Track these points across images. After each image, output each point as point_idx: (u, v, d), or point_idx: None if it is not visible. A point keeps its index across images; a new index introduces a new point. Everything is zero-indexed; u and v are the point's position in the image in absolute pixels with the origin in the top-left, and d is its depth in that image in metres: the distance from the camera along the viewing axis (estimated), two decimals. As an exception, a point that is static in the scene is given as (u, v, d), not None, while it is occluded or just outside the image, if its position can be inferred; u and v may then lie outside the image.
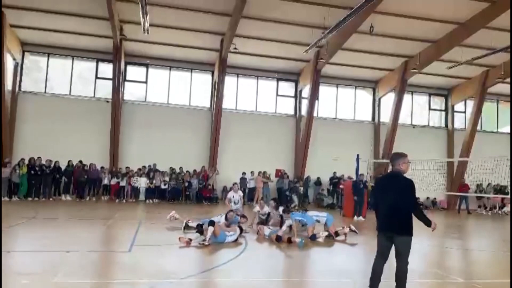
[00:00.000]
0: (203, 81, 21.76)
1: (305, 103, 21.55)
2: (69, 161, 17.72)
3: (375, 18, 15.64)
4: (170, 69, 21.37)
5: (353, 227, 10.58)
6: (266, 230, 9.74)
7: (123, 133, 19.76)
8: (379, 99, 23.25)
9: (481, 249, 9.62)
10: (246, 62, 21.04)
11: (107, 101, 19.66)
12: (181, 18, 17.03)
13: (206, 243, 8.10)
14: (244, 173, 19.83)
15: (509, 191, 10.59)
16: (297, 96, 22.50)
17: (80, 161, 17.98)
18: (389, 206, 4.98)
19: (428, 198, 22.67)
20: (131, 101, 20.67)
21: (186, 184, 19.02)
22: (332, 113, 22.86)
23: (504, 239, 11.38)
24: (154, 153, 19.77)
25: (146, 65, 21.03)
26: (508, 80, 20.66)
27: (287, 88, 22.69)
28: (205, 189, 19.08)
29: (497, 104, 24.90)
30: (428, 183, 17.58)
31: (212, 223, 8.44)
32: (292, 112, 22.52)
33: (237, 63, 20.76)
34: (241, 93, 22.04)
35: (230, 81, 21.19)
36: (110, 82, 19.45)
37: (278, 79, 22.39)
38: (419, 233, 9.63)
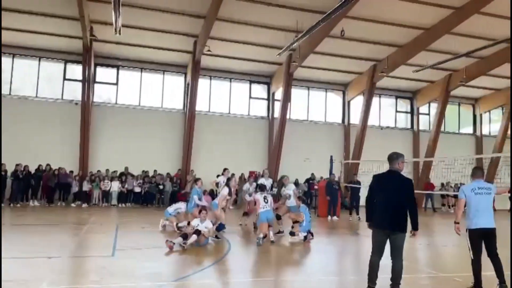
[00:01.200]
0: (175, 83, 21.57)
1: (277, 105, 21.82)
2: (39, 166, 17.09)
3: (346, 23, 16.07)
4: (141, 71, 21.05)
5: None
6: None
7: (93, 136, 19.27)
8: (349, 102, 23.88)
9: (453, 244, 10.09)
10: (219, 64, 21.07)
11: (76, 103, 19.12)
12: (154, 19, 16.83)
13: (185, 247, 8.04)
14: (218, 176, 19.76)
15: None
16: (270, 98, 22.74)
17: (48, 165, 17.37)
18: (389, 203, 5.08)
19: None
20: (101, 103, 20.17)
21: (161, 187, 18.78)
22: (304, 115, 23.27)
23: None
24: (126, 156, 19.37)
25: (117, 67, 20.61)
26: (470, 83, 21.79)
27: (260, 90, 22.89)
28: (179, 192, 18.91)
29: (459, 107, 26.16)
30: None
31: (198, 232, 8.35)
32: (265, 114, 22.73)
33: (210, 65, 20.75)
34: (214, 95, 22.03)
35: (203, 83, 21.13)
36: (79, 83, 18.94)
37: (251, 82, 22.55)
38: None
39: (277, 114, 21.75)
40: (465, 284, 5.82)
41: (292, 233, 9.75)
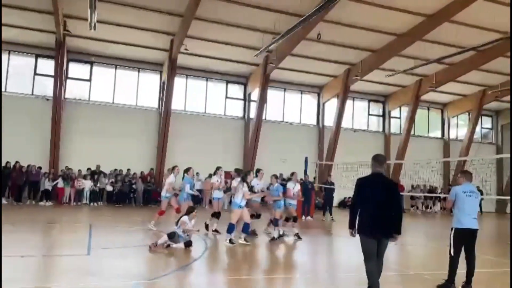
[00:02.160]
0: (151, 81, 21.34)
1: (254, 106, 21.94)
2: (6, 163, 16.52)
3: (322, 26, 16.35)
4: (116, 68, 20.70)
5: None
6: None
7: (65, 133, 18.80)
8: (324, 104, 24.29)
9: (421, 244, 10.49)
10: (196, 63, 20.99)
11: (47, 99, 18.61)
12: (130, 16, 16.60)
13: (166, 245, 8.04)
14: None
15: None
16: (246, 98, 22.84)
17: (18, 162, 16.82)
18: (380, 209, 4.86)
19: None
20: (73, 100, 19.72)
21: (134, 186, 18.54)
22: (280, 116, 23.50)
23: (440, 235, 12.48)
24: (98, 155, 18.99)
25: (91, 63, 20.19)
26: (439, 89, 22.60)
27: (236, 90, 22.94)
28: (153, 191, 18.72)
29: (428, 111, 27.07)
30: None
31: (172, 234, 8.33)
32: (241, 114, 22.81)
33: (187, 64, 20.65)
34: (191, 95, 21.92)
35: (179, 82, 21.00)
36: (51, 79, 18.44)
37: (228, 82, 22.58)
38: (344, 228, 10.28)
39: (253, 114, 21.87)
40: (434, 281, 6.10)
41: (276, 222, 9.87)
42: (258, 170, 10.44)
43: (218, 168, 11.05)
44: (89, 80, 20.26)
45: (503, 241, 11.88)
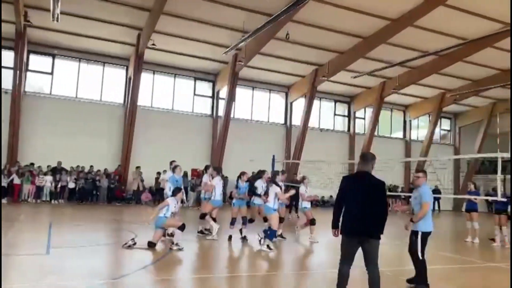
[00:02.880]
0: (116, 76, 20.83)
1: (222, 104, 21.88)
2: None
3: (291, 26, 16.52)
4: (79, 61, 20.08)
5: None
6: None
7: (24, 127, 18.04)
8: (291, 103, 24.55)
9: (382, 242, 10.78)
10: (164, 59, 20.69)
11: (6, 92, 17.76)
12: (95, 8, 16.14)
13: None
14: (158, 173, 19.40)
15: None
16: (215, 96, 22.74)
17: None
18: (364, 208, 4.61)
19: (331, 196, 24.52)
20: (33, 93, 18.94)
21: (98, 183, 18.06)
22: (248, 114, 23.55)
23: (400, 234, 12.91)
24: (60, 151, 18.36)
25: (53, 55, 19.47)
26: (402, 91, 23.37)
27: (204, 88, 22.80)
28: (118, 189, 18.32)
29: (391, 112, 27.95)
30: (332, 183, 19.04)
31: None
32: (209, 112, 22.69)
33: (154, 59, 20.32)
34: (157, 91, 21.58)
35: (146, 77, 20.63)
36: (10, 71, 17.60)
37: (196, 79, 22.40)
38: (321, 228, 10.40)
39: (221, 112, 21.80)
40: (396, 277, 6.30)
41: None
42: (243, 173, 9.88)
43: (207, 167, 10.54)
44: (51, 73, 19.55)
45: (459, 238, 12.43)
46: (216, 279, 6.24)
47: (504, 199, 10.13)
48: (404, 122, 28.42)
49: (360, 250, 4.71)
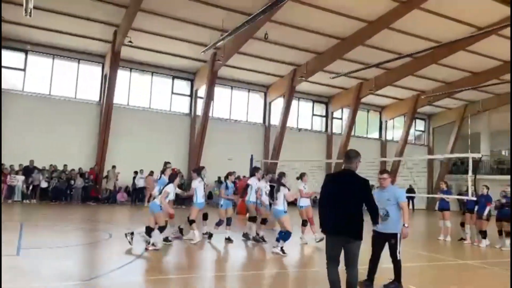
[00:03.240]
0: (92, 73, 20.41)
1: (200, 103, 21.75)
2: None
3: (270, 27, 16.56)
4: (53, 58, 19.57)
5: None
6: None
7: (-6, 125, 17.44)
8: (270, 103, 24.63)
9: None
10: (141, 57, 20.41)
11: (-25, 88, 17.14)
12: (71, 4, 15.76)
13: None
14: (136, 172, 19.17)
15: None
16: (193, 95, 22.58)
17: None
18: (345, 207, 4.49)
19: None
20: (5, 90, 18.29)
21: (72, 182, 17.67)
22: (227, 114, 23.49)
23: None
24: (33, 149, 17.86)
25: (26, 51, 18.91)
26: (378, 92, 23.79)
27: (182, 86, 22.60)
28: (93, 189, 17.97)
29: (368, 113, 28.40)
30: (309, 182, 19.19)
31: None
32: (187, 111, 22.51)
33: (131, 57, 20.01)
34: (135, 89, 21.26)
35: (122, 75, 20.29)
36: (-21, 66, 17.01)
37: (174, 77, 22.18)
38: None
39: (199, 111, 21.67)
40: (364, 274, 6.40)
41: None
42: (230, 173, 9.76)
43: (202, 168, 9.90)
44: (24, 69, 18.98)
45: (432, 237, 12.74)
46: (190, 279, 6.20)
47: (474, 198, 10.43)
48: (380, 122, 28.94)
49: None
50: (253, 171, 9.92)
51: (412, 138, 29.48)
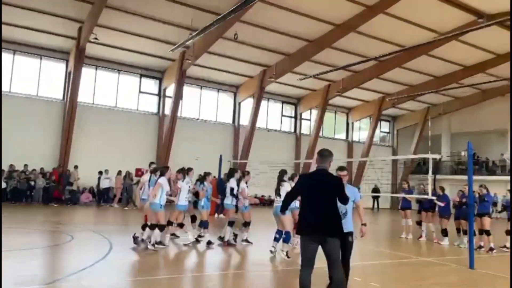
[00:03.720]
0: (55, 70, 19.73)
1: (169, 102, 21.47)
2: None
3: (240, 27, 16.59)
4: (14, 53, 18.78)
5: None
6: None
7: None
8: (239, 103, 24.64)
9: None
10: (107, 55, 19.93)
11: None
12: (32, -2, 15.22)
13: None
14: (100, 172, 18.67)
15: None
16: (161, 94, 22.25)
17: None
18: (323, 205, 4.46)
19: (278, 196, 24.95)
20: (-40, 86, 17.41)
21: (32, 183, 17.01)
22: (196, 113, 23.30)
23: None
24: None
25: (-17, 46, 18.02)
26: (345, 94, 24.28)
27: (150, 85, 22.23)
28: (56, 189, 17.36)
29: (335, 114, 28.93)
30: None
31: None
32: (155, 110, 22.16)
33: (97, 54, 19.52)
34: (100, 87, 20.72)
35: (87, 72, 19.73)
36: None
37: (142, 75, 21.78)
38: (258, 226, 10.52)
39: (168, 111, 21.39)
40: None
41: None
42: (208, 174, 9.47)
43: (189, 170, 9.11)
44: (-19, 65, 18.08)
45: (395, 235, 13.13)
46: (155, 281, 6.11)
47: (434, 198, 10.85)
48: (347, 124, 29.55)
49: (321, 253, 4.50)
50: (232, 172, 9.41)
51: (377, 139, 30.27)
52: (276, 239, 8.17)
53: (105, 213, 16.02)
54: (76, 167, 18.41)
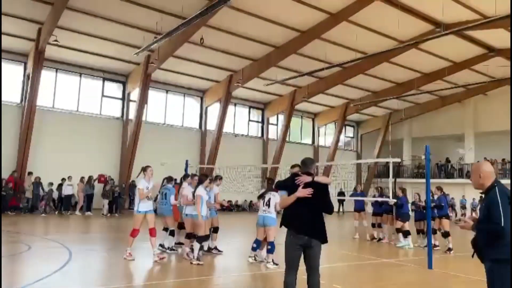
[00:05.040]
0: (12, 72, 18.89)
1: (133, 106, 21.05)
2: None
3: (206, 31, 16.52)
4: (-34, 54, 17.83)
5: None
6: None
7: None
8: (206, 108, 24.50)
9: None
10: (68, 57, 19.34)
11: None
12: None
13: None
14: (63, 180, 17.98)
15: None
16: (125, 98, 21.79)
17: None
18: (309, 209, 4.48)
19: (245, 200, 24.98)
20: None
21: (-14, 191, 16.16)
22: (162, 118, 22.96)
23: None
24: None
25: None
26: (311, 99, 24.69)
27: (114, 89, 21.72)
28: (13, 197, 16.58)
29: (301, 120, 29.32)
30: (244, 187, 19.29)
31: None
32: (119, 114, 21.65)
33: (57, 57, 18.91)
34: (61, 90, 20.04)
35: (47, 75, 19.04)
36: None
37: (105, 79, 21.25)
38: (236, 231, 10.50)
39: (132, 115, 20.96)
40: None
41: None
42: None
43: (145, 168, 8.06)
44: None
45: (361, 237, 13.39)
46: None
47: (394, 200, 11.18)
48: (313, 129, 30.01)
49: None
50: (201, 178, 8.16)
51: (342, 144, 30.90)
52: (254, 249, 7.98)
53: (66, 221, 15.45)
54: (30, 173, 17.64)
